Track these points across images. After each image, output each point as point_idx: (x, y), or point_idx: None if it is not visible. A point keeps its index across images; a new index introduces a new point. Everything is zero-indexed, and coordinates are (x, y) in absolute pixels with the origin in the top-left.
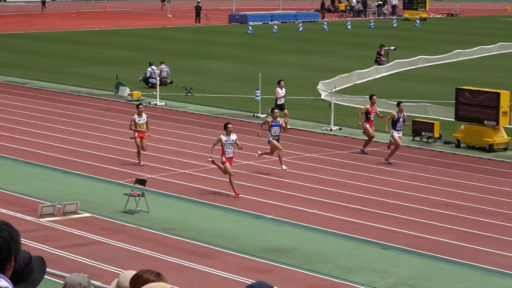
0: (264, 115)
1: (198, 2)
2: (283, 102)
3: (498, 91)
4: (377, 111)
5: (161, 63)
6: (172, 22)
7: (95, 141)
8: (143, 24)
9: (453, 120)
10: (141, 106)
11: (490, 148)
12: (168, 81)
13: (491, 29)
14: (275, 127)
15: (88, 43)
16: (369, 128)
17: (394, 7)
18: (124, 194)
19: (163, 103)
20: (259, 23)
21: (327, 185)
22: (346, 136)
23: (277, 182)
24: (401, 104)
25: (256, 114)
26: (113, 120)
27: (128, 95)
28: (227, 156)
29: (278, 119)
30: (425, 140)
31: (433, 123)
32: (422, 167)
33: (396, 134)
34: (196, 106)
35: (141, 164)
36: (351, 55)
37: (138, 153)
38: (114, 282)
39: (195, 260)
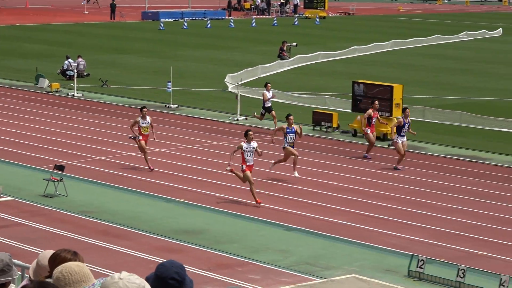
0: (174, 106)
1: (113, 0)
2: (270, 104)
3: (391, 84)
4: (378, 116)
5: (78, 56)
6: (88, 19)
7: (16, 130)
8: (61, 20)
9: (350, 111)
10: (145, 109)
11: (384, 137)
12: (85, 74)
13: (385, 27)
14: (290, 134)
15: (9, 37)
16: (370, 134)
17: (295, 6)
18: (43, 179)
19: (80, 94)
20: (170, 20)
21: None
22: (251, 126)
23: (187, 168)
24: (407, 110)
25: (167, 105)
26: (33, 110)
27: (47, 86)
28: (247, 164)
29: (293, 125)
30: (324, 129)
31: (331, 114)
32: (321, 154)
33: (399, 140)
34: (111, 97)
35: (151, 168)
36: (256, 50)
37: (145, 156)
38: (34, 261)
39: (110, 241)
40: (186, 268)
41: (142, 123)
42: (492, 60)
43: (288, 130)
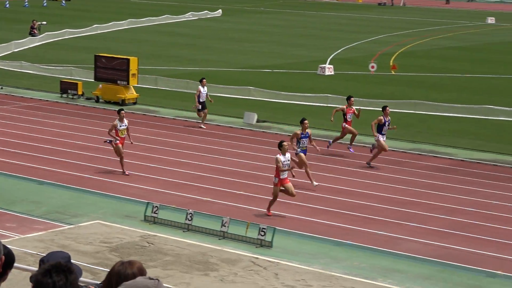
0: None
1: None
2: (204, 100)
3: (128, 57)
4: (355, 112)
5: None
6: None
7: None
8: None
9: (93, 80)
10: (122, 112)
11: (122, 102)
12: None
13: (122, 8)
14: (304, 139)
15: None
16: (348, 126)
17: None
18: None
19: None
20: None
21: None
22: (7, 94)
23: None
24: (387, 108)
25: None
26: None
27: None
28: (281, 177)
29: (307, 130)
30: (71, 96)
31: (77, 83)
32: (69, 118)
33: (381, 138)
34: None
35: (127, 173)
36: (9, 28)
37: (121, 161)
38: None
39: None
40: None
41: (120, 126)
42: (213, 36)
43: (302, 135)
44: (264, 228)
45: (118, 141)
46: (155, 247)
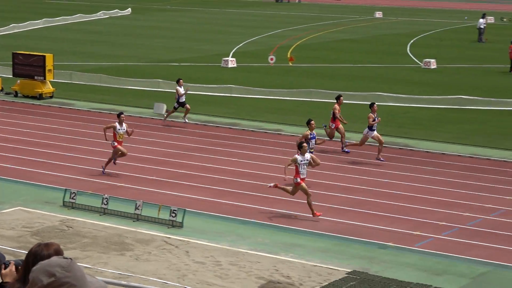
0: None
1: None
2: (184, 100)
3: (44, 54)
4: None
5: None
6: None
7: None
8: None
9: (12, 76)
10: (122, 115)
11: (40, 97)
12: None
13: (38, 8)
14: (312, 139)
15: None
16: (331, 126)
17: None
18: None
19: None
20: None
21: None
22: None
23: None
24: (374, 105)
25: None
26: None
27: None
28: (301, 177)
29: (314, 130)
30: None
31: None
32: None
33: (369, 134)
34: None
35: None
36: None
37: (121, 155)
38: None
39: None
40: None
41: (119, 129)
42: (124, 33)
43: (311, 135)
44: (175, 210)
45: (115, 145)
46: (74, 230)
